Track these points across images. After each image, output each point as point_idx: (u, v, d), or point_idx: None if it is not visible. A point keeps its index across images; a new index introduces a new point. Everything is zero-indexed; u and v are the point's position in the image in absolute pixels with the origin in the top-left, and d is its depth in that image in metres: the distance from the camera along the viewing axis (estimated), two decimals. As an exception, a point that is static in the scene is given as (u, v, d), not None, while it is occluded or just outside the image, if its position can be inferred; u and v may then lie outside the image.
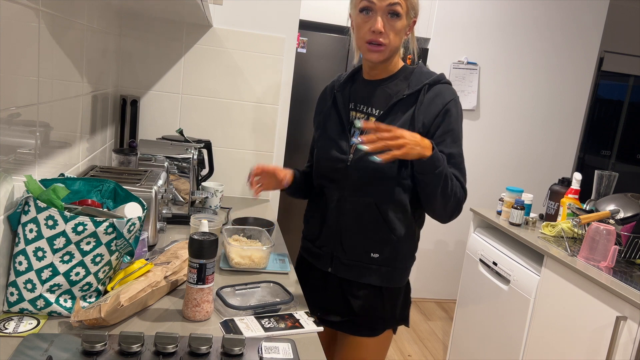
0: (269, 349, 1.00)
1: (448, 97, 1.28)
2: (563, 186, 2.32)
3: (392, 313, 1.39)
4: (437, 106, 1.27)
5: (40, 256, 1.01)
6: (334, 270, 1.38)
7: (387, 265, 1.34)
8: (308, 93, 3.20)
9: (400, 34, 1.26)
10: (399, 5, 1.22)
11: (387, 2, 1.22)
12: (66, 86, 1.31)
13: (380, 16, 1.23)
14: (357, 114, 1.37)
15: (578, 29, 3.58)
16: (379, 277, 1.35)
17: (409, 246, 1.36)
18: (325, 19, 3.19)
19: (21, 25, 0.98)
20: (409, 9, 1.25)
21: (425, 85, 1.29)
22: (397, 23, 1.24)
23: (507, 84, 3.57)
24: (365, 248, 1.33)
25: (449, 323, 3.37)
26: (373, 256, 1.33)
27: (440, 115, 1.27)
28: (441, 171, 1.20)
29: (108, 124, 1.92)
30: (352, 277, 1.36)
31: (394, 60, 1.33)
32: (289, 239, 3.31)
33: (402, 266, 1.36)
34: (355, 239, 1.34)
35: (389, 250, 1.33)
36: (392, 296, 1.38)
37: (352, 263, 1.35)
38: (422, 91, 1.29)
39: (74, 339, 0.95)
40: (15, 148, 1.01)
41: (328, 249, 1.39)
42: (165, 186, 1.56)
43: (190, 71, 2.13)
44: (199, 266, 1.06)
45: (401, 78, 1.34)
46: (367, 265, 1.34)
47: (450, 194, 1.24)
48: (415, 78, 1.32)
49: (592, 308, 1.75)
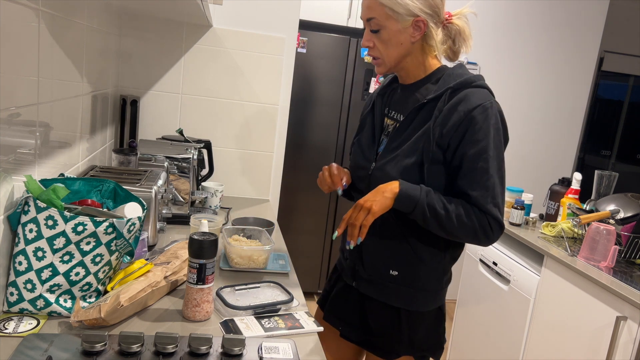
0: (269, 349, 1.00)
1: (474, 103, 1.12)
2: (563, 186, 2.32)
3: (410, 338, 1.26)
4: (459, 114, 1.12)
5: (40, 256, 1.01)
6: (357, 285, 1.32)
7: (407, 286, 1.23)
8: (308, 93, 3.20)
9: (390, 44, 1.17)
10: (373, 20, 1.16)
11: (364, 18, 1.19)
12: (66, 86, 1.31)
13: (365, 32, 1.20)
14: (389, 120, 1.29)
15: (578, 29, 3.58)
16: (398, 298, 1.24)
17: (434, 267, 1.23)
18: (325, 19, 3.19)
19: (21, 25, 0.98)
20: (392, 15, 1.14)
21: (447, 89, 1.15)
22: (380, 36, 1.17)
23: (507, 84, 3.57)
24: (384, 264, 1.25)
25: (449, 323, 3.36)
26: (392, 273, 1.24)
27: (463, 125, 1.11)
28: (421, 204, 1.11)
29: (108, 124, 1.92)
30: (372, 294, 1.28)
31: (413, 64, 1.22)
32: (289, 239, 3.31)
33: (424, 288, 1.24)
34: (374, 253, 1.26)
35: (410, 269, 1.22)
36: (412, 320, 1.25)
37: (372, 279, 1.27)
38: (443, 97, 1.15)
39: (74, 339, 0.95)
40: (15, 148, 1.01)
41: (351, 262, 1.33)
42: (165, 186, 1.56)
43: (190, 71, 2.13)
44: (199, 266, 1.06)
45: (432, 81, 1.21)
46: (386, 283, 1.25)
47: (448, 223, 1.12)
48: (442, 81, 1.18)
49: (592, 308, 1.74)
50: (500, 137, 1.14)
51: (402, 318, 1.25)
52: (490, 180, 1.12)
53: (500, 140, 1.14)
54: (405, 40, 1.17)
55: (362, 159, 1.30)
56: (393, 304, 1.26)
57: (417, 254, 1.22)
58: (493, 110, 1.13)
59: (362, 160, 1.29)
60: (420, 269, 1.23)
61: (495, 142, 1.12)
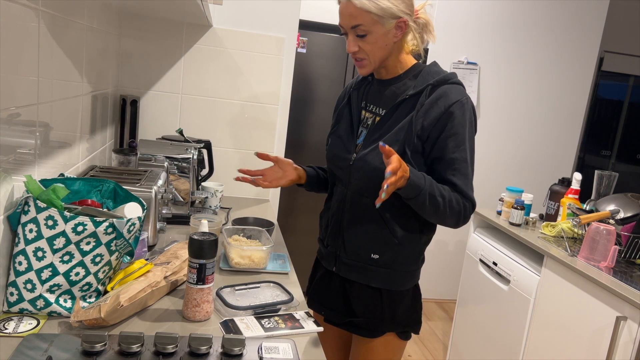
0: (269, 349, 1.00)
1: (452, 99, 1.22)
2: (563, 186, 2.32)
3: (391, 316, 1.36)
4: (439, 109, 1.22)
5: (40, 256, 1.01)
6: (337, 269, 1.38)
7: (387, 268, 1.32)
8: (308, 93, 3.20)
9: (377, 46, 1.22)
10: (360, 27, 1.20)
11: (349, 25, 1.22)
12: (66, 86, 1.31)
13: (350, 37, 1.24)
14: (367, 113, 1.35)
15: (578, 29, 3.58)
16: (379, 279, 1.33)
17: (411, 250, 1.33)
18: (325, 19, 3.19)
19: (21, 25, 0.98)
20: (378, 20, 1.19)
21: (427, 86, 1.25)
22: (367, 40, 1.22)
23: (507, 84, 3.57)
24: (365, 249, 1.33)
25: (449, 323, 3.37)
26: (373, 257, 1.32)
27: (442, 119, 1.22)
28: (424, 194, 1.17)
29: (108, 124, 1.92)
30: (353, 278, 1.36)
31: (393, 62, 1.30)
32: (289, 239, 3.31)
33: (402, 269, 1.34)
34: (356, 239, 1.34)
35: (390, 252, 1.31)
36: (392, 299, 1.35)
37: (353, 263, 1.35)
38: (424, 92, 1.25)
39: (74, 339, 0.95)
40: (15, 148, 1.01)
41: (332, 248, 1.40)
42: (165, 186, 1.56)
43: (190, 71, 2.13)
44: (199, 266, 1.06)
45: (410, 77, 1.30)
46: (367, 266, 1.33)
47: (444, 210, 1.21)
48: (422, 78, 1.28)
49: (592, 308, 1.74)
50: (473, 129, 1.27)
51: (384, 298, 1.34)
52: (468, 169, 1.24)
53: (473, 132, 1.27)
54: (390, 41, 1.24)
55: (342, 150, 1.36)
56: (374, 285, 1.34)
57: (396, 238, 1.30)
58: (468, 106, 1.25)
59: (342, 152, 1.35)
60: (399, 251, 1.32)
61: (469, 133, 1.25)
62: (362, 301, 1.36)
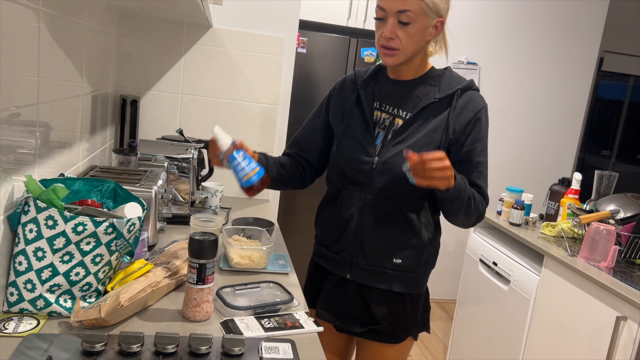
0: (269, 349, 1.00)
1: (480, 105, 1.27)
2: (563, 186, 2.32)
3: (414, 319, 1.35)
4: (469, 113, 1.26)
5: (40, 256, 1.01)
6: (352, 276, 1.34)
7: (411, 271, 1.31)
8: (308, 93, 3.20)
9: (414, 38, 1.21)
10: (407, 12, 1.17)
11: (396, 9, 1.18)
12: (66, 86, 1.31)
13: (391, 22, 1.20)
14: (382, 114, 1.32)
15: (578, 29, 3.58)
16: (402, 284, 1.31)
17: (432, 251, 1.34)
18: (325, 19, 3.19)
19: (21, 25, 0.98)
20: (426, 11, 1.18)
21: (458, 90, 1.27)
22: (408, 29, 1.19)
23: (507, 84, 3.57)
24: (387, 253, 1.30)
25: (449, 323, 3.37)
26: (396, 262, 1.30)
27: (471, 123, 1.26)
28: (463, 196, 1.20)
29: (108, 124, 1.92)
30: (372, 283, 1.32)
31: (418, 61, 1.29)
32: (289, 239, 3.31)
33: (424, 272, 1.34)
34: (378, 243, 1.30)
35: (413, 255, 1.30)
36: (414, 302, 1.34)
37: (373, 269, 1.31)
38: (454, 96, 1.26)
39: (74, 339, 0.95)
40: (15, 148, 1.01)
41: (347, 254, 1.34)
42: (165, 186, 1.56)
43: (190, 71, 2.13)
44: (199, 266, 1.06)
45: (430, 81, 1.30)
46: (388, 271, 1.30)
47: (473, 211, 1.25)
48: (445, 82, 1.28)
49: (592, 308, 1.74)
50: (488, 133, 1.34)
51: (407, 302, 1.34)
52: (487, 171, 1.32)
53: None
54: (425, 38, 1.24)
55: (361, 152, 1.30)
56: (397, 290, 1.32)
57: (419, 239, 1.30)
58: (487, 112, 1.31)
59: (360, 154, 1.30)
60: (422, 254, 1.32)
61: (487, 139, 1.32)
62: (384, 307, 1.33)
